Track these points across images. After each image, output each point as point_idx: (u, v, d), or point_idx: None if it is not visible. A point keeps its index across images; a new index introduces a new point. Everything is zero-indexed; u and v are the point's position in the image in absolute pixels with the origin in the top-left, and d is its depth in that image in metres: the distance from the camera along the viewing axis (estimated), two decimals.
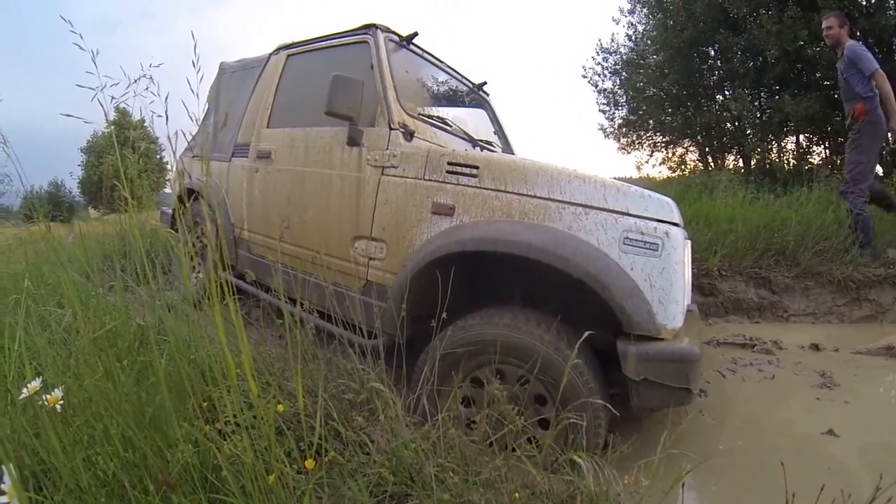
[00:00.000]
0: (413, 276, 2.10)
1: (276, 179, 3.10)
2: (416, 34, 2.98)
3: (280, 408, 1.17)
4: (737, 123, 11.67)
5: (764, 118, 11.04)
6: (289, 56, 3.38)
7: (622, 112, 14.59)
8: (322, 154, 2.79)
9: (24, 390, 0.98)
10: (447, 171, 2.29)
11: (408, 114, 2.61)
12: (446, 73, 3.48)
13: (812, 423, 2.51)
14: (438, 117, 2.92)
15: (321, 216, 2.75)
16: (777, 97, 10.63)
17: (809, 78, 10.47)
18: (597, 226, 1.91)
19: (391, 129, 2.50)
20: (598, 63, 14.66)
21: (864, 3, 9.81)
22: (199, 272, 3.51)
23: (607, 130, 14.88)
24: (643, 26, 13.66)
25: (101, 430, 1.01)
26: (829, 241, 4.51)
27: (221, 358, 1.00)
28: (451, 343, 1.84)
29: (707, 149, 13.21)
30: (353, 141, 2.57)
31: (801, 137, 11.23)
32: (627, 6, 13.95)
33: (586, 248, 1.86)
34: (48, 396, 0.97)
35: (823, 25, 5.01)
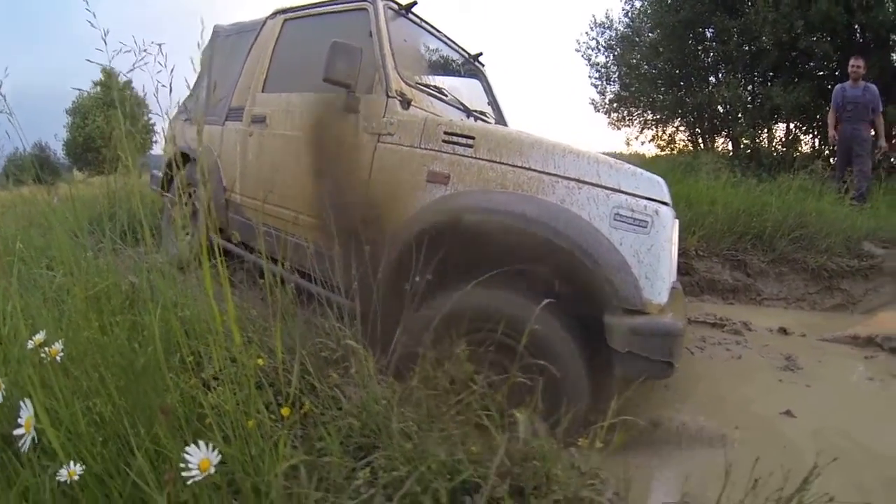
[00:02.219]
0: (405, 243, 2.12)
1: (270, 143, 3.14)
2: (415, 3, 3.02)
3: (260, 361, 1.27)
4: (727, 107, 11.76)
5: (755, 105, 11.13)
6: (286, 20, 3.41)
7: (614, 87, 14.74)
8: (317, 120, 2.84)
9: (30, 342, 1.08)
10: (443, 141, 2.35)
11: (405, 82, 2.64)
12: (444, 42, 3.52)
13: (771, 404, 2.65)
14: (435, 86, 2.95)
15: (305, 177, 2.81)
16: (770, 84, 10.73)
17: (803, 68, 10.56)
18: (589, 201, 1.98)
19: (388, 96, 2.54)
20: (593, 38, 14.70)
21: None
22: (189, 234, 3.57)
23: (598, 105, 15.03)
24: (640, 2, 13.65)
25: (96, 380, 1.10)
26: (806, 229, 4.65)
27: (208, 314, 1.10)
28: (450, 309, 1.86)
29: (698, 129, 13.33)
30: (350, 108, 2.61)
31: (792, 125, 11.36)
32: None
33: (578, 222, 1.94)
34: (49, 349, 1.07)
35: (854, 63, 6.31)
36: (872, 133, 6.43)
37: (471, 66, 3.89)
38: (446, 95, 3.01)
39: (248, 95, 3.43)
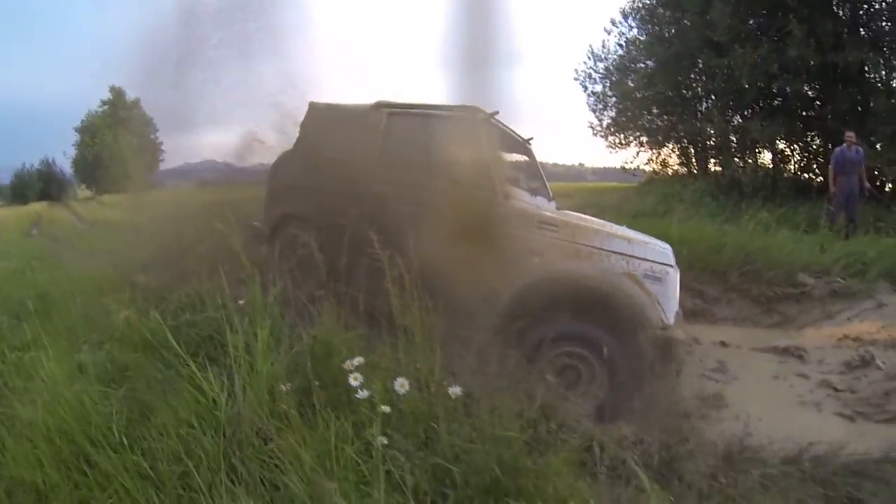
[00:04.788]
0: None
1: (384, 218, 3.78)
2: (497, 112, 3.86)
3: None
4: (714, 137, 13.20)
5: (736, 138, 12.57)
6: (390, 114, 4.20)
7: (611, 113, 16.27)
8: (435, 204, 3.66)
9: None
10: (537, 226, 3.53)
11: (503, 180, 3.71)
12: (513, 136, 4.53)
13: (692, 393, 3.90)
14: (516, 177, 4.09)
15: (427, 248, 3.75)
16: (749, 118, 12.16)
17: (779, 105, 12.00)
18: (629, 266, 3.34)
19: (493, 193, 3.58)
20: (590, 68, 16.27)
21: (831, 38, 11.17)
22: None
23: (596, 129, 16.53)
24: (635, 31, 15.29)
25: None
26: (753, 264, 6.02)
27: None
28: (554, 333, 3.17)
29: (692, 152, 14.77)
30: (461, 198, 3.57)
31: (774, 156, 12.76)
32: (619, 18, 15.40)
33: (623, 279, 3.31)
34: None
35: (848, 134, 8.64)
36: None
37: (525, 147, 4.91)
38: (527, 187, 4.18)
39: (361, 174, 4.11)
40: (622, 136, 16.04)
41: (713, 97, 13.21)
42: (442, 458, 1.50)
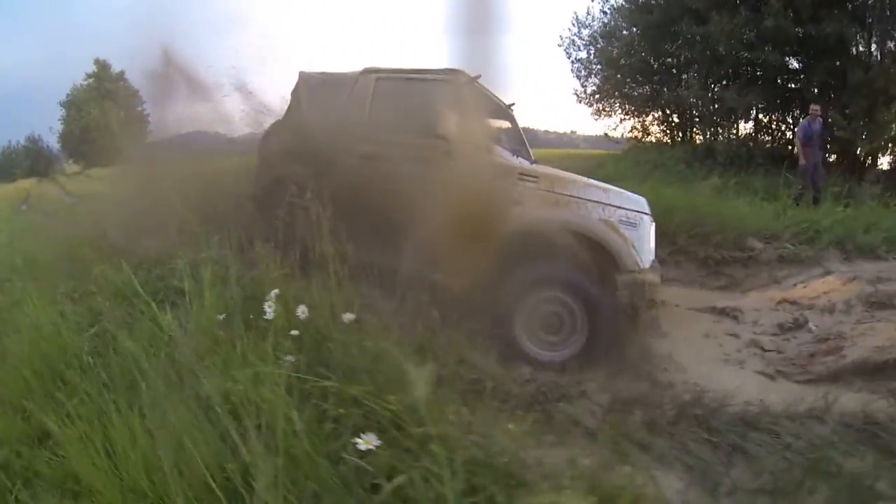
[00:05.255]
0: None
1: (374, 176, 4.09)
2: (479, 76, 4.10)
3: None
4: (694, 105, 13.54)
5: (714, 107, 12.89)
6: (378, 79, 4.46)
7: (595, 80, 16.54)
8: (422, 159, 3.91)
9: None
10: (518, 178, 3.81)
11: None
12: (492, 98, 4.72)
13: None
14: (497, 136, 4.41)
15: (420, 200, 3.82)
16: (726, 87, 12.46)
17: (755, 76, 12.28)
18: (605, 213, 3.61)
19: (476, 147, 3.79)
20: (575, 34, 16.53)
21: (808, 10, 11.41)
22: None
23: (580, 96, 16.85)
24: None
25: None
26: (702, 227, 6.41)
27: None
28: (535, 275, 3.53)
29: (674, 121, 15.19)
30: (449, 153, 3.81)
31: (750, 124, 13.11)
32: None
33: (601, 225, 3.59)
34: None
35: (814, 107, 9.01)
36: None
37: (507, 113, 5.16)
38: (505, 145, 4.44)
39: (352, 137, 4.38)
40: (606, 103, 16.35)
41: (693, 66, 13.46)
42: (334, 371, 1.91)
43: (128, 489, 1.62)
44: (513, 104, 5.19)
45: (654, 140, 15.61)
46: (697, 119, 13.97)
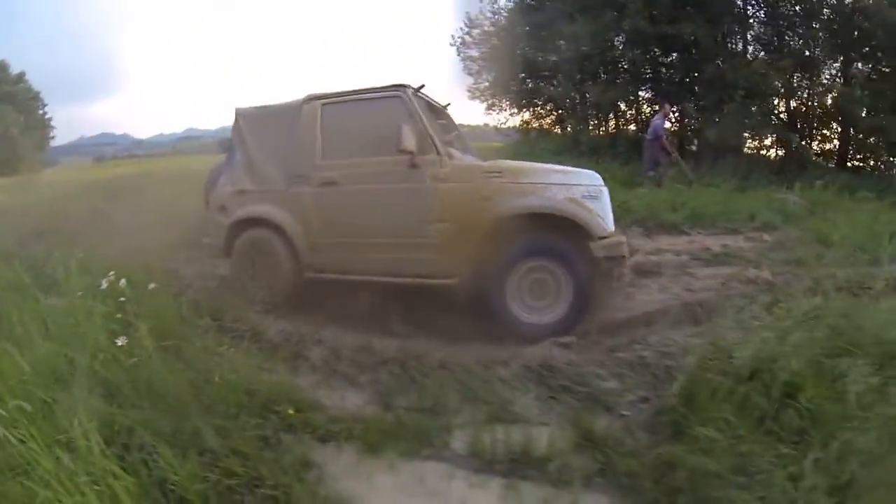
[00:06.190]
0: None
1: (345, 199, 4.32)
2: (423, 86, 4.44)
3: None
4: (564, 100, 15.11)
5: (583, 103, 14.50)
6: (324, 104, 4.51)
7: (488, 77, 17.45)
8: (390, 175, 4.16)
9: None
10: (483, 175, 4.02)
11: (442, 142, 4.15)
12: (437, 105, 4.99)
13: None
14: (447, 139, 4.51)
15: (393, 214, 4.17)
16: (593, 84, 14.00)
17: (618, 72, 13.87)
18: (569, 191, 3.90)
19: (439, 155, 4.06)
20: (466, 34, 17.50)
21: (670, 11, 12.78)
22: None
23: (474, 93, 17.74)
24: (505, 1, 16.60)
25: None
26: None
27: None
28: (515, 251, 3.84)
29: (552, 115, 16.73)
30: (415, 166, 4.03)
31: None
32: None
33: (567, 202, 3.86)
34: None
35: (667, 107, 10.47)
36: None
37: (445, 113, 5.29)
38: (457, 146, 4.67)
39: (308, 165, 4.44)
40: (495, 99, 17.40)
41: (566, 64, 14.90)
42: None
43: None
44: (448, 104, 5.43)
45: (539, 132, 16.82)
46: (567, 113, 15.52)
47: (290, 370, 3.23)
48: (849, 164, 13.23)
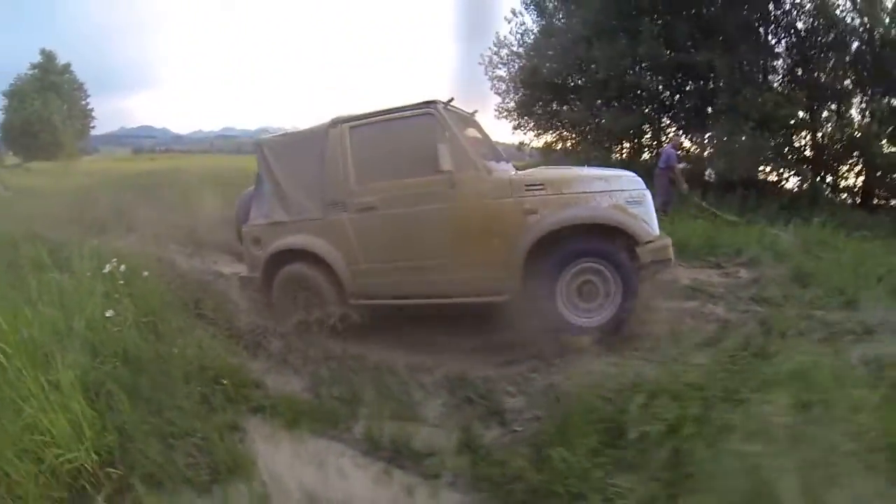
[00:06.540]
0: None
1: (384, 223, 4.26)
2: (452, 98, 4.39)
3: None
4: (582, 126, 15.56)
5: (598, 128, 14.90)
6: (351, 127, 4.42)
7: (515, 97, 18.05)
8: (430, 196, 4.09)
9: None
10: (525, 189, 3.98)
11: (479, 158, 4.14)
12: (466, 116, 4.90)
13: None
14: (484, 152, 4.53)
15: (436, 235, 4.09)
16: (608, 110, 14.39)
17: (630, 100, 14.22)
18: (613, 198, 3.90)
19: (477, 170, 4.05)
20: (495, 53, 17.99)
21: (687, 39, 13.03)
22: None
23: (501, 112, 18.33)
24: (532, 23, 17.20)
25: None
26: None
27: None
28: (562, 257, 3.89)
29: (572, 138, 17.18)
30: (454, 184, 4.00)
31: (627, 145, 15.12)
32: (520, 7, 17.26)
33: (612, 210, 3.88)
34: None
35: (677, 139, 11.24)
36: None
37: (475, 122, 5.17)
38: (490, 157, 4.57)
39: (342, 191, 4.37)
40: (522, 119, 17.91)
41: (584, 90, 15.20)
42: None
43: None
44: (475, 111, 5.24)
45: (561, 153, 17.15)
46: (585, 137, 15.93)
47: (249, 356, 3.92)
48: (874, 201, 12.69)
